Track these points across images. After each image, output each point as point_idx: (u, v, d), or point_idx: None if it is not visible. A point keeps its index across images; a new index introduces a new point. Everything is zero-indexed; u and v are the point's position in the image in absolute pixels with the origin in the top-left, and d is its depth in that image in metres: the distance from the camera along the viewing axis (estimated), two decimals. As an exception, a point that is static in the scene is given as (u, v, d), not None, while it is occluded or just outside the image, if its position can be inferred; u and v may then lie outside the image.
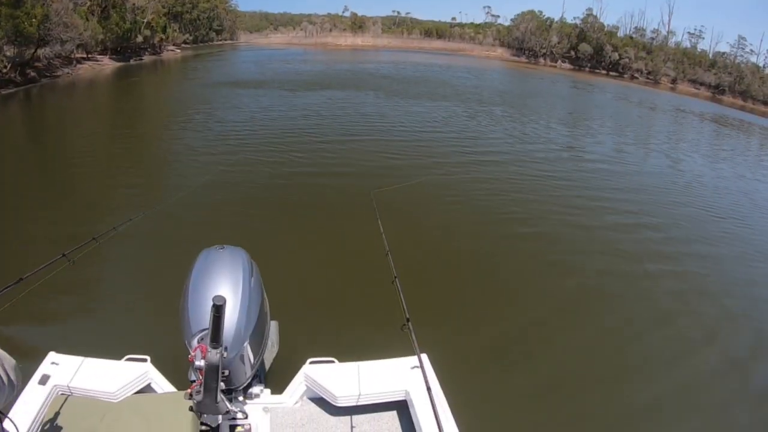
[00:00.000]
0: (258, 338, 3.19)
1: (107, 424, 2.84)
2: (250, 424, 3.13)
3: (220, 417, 3.00)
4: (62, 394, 3.14)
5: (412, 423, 3.16)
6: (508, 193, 11.41)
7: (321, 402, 3.40)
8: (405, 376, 3.32)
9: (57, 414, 2.90)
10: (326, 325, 5.92)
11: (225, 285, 3.13)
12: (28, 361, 3.23)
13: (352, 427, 3.29)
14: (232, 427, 3.10)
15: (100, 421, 2.86)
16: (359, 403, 3.25)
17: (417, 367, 3.32)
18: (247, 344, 3.01)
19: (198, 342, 2.80)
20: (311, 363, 3.50)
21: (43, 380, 3.15)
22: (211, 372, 2.60)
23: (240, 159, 13.18)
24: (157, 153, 14.43)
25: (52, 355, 3.37)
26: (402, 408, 3.30)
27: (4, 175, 11.13)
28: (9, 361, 1.54)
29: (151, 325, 5.82)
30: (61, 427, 2.80)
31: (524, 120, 22.59)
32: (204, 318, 2.85)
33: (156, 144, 15.48)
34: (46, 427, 2.80)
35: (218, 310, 2.50)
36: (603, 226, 10.08)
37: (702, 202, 13.19)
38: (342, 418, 3.34)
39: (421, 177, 11.29)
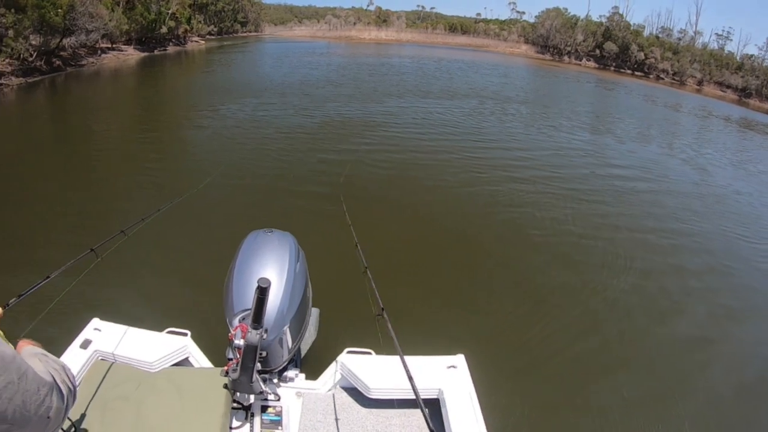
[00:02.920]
0: (298, 324, 3.25)
1: (142, 393, 2.91)
2: (281, 407, 3.17)
3: (252, 396, 3.14)
4: (102, 359, 3.25)
5: (443, 423, 3.12)
6: (533, 211, 10.60)
7: (354, 392, 3.40)
8: (440, 374, 3.30)
9: (95, 378, 2.99)
10: (366, 317, 5.83)
11: (271, 268, 3.21)
12: (72, 325, 3.52)
13: (382, 420, 3.27)
14: (264, 408, 3.15)
15: (136, 389, 2.93)
16: (391, 397, 3.25)
17: (453, 366, 3.36)
18: (287, 328, 3.07)
19: (239, 321, 2.86)
20: (348, 353, 3.53)
21: (85, 344, 3.28)
22: (250, 352, 2.67)
23: (259, 149, 13.70)
24: (181, 142, 14.90)
25: (95, 321, 3.51)
26: (434, 406, 3.24)
27: (29, 165, 11.47)
28: (60, 363, 1.47)
29: (194, 301, 6.06)
30: (97, 391, 2.89)
31: (551, 123, 21.82)
32: (247, 298, 2.92)
33: (180, 133, 15.93)
34: (83, 390, 2.86)
35: (263, 291, 2.52)
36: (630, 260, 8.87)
37: (748, 233, 11.47)
38: (373, 410, 3.32)
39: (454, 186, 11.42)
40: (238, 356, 2.73)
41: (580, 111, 27.16)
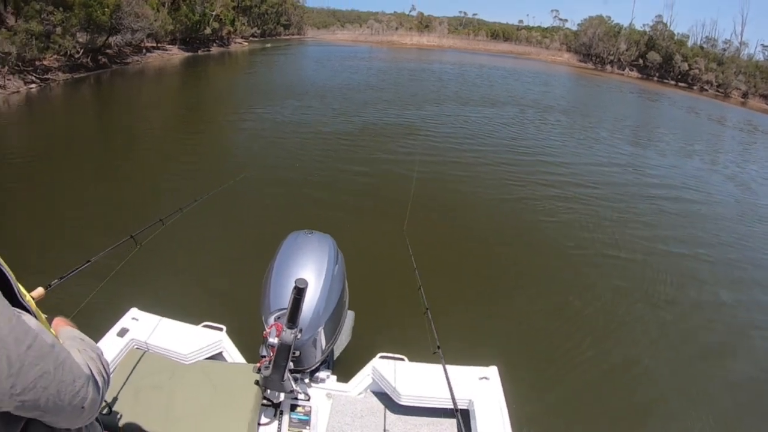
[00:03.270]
0: (333, 326, 3.27)
1: (174, 383, 2.98)
2: (311, 407, 3.18)
3: (282, 395, 3.16)
4: (137, 348, 3.33)
5: None
6: (576, 229, 10.10)
7: (384, 397, 3.38)
8: (472, 385, 3.26)
9: (129, 365, 3.07)
10: (401, 322, 5.81)
11: (309, 269, 3.26)
12: (110, 312, 3.61)
13: (410, 427, 3.26)
14: (293, 407, 3.17)
15: (169, 379, 3.00)
16: (421, 405, 3.24)
17: (485, 378, 3.31)
18: (321, 329, 3.10)
19: (275, 320, 2.92)
20: (381, 357, 3.51)
21: (122, 333, 3.38)
22: (283, 351, 2.70)
23: (297, 151, 13.77)
24: (221, 139, 15.26)
25: (133, 311, 3.61)
26: (464, 417, 3.15)
27: (73, 155, 11.94)
28: (96, 350, 1.46)
29: (230, 296, 6.15)
30: (130, 378, 2.96)
31: (593, 136, 20.91)
32: (284, 298, 2.96)
33: (220, 130, 16.27)
34: (117, 376, 2.94)
35: (299, 292, 2.56)
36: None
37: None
38: (402, 416, 3.31)
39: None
40: (271, 354, 2.77)
41: (623, 124, 26.23)
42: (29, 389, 1.08)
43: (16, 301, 1.22)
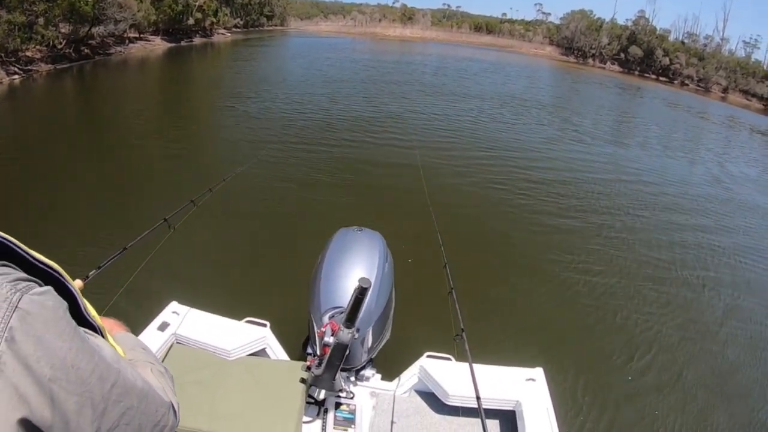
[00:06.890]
0: (381, 324, 3.21)
1: (218, 380, 2.91)
2: (355, 405, 3.16)
3: (324, 392, 3.14)
4: (178, 343, 3.32)
5: None
6: (621, 231, 9.79)
7: (429, 397, 3.36)
8: (518, 386, 3.21)
9: (170, 361, 3.02)
10: (446, 322, 5.35)
11: (360, 267, 3.24)
12: (149, 304, 3.65)
13: (455, 428, 3.22)
14: (338, 405, 3.14)
15: (212, 376, 2.93)
16: (468, 405, 3.16)
17: (532, 379, 3.27)
18: (370, 328, 3.06)
19: (329, 319, 2.89)
20: (428, 357, 3.48)
21: (162, 327, 3.33)
22: (338, 351, 2.63)
23: (304, 140, 13.67)
24: (230, 125, 15.23)
25: (173, 305, 3.57)
26: (510, 418, 3.16)
27: (70, 148, 11.76)
28: (165, 372, 1.33)
29: (272, 289, 6.06)
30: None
31: (603, 138, 20.16)
32: (337, 296, 3.00)
33: (212, 123, 16.09)
34: None
35: (362, 292, 2.46)
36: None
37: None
38: (447, 417, 3.27)
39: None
40: (321, 353, 2.76)
41: (619, 123, 26.00)
42: (112, 429, 0.99)
43: (82, 318, 1.09)
